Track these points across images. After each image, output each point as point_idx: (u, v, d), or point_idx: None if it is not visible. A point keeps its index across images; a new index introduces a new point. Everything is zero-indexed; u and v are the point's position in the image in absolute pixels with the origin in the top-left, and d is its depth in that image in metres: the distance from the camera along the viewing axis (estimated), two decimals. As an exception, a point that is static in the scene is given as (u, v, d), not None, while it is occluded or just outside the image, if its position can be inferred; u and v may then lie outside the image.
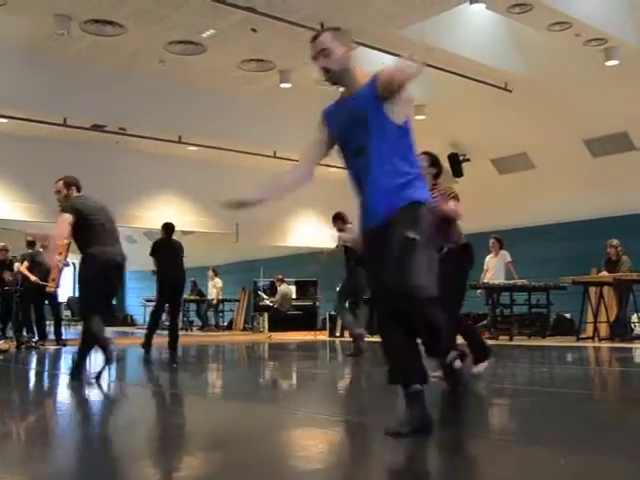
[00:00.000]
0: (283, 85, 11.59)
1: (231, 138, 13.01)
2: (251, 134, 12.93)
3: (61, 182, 5.43)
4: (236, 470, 2.37)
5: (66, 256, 9.86)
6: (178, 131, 12.73)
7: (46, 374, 6.67)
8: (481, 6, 9.32)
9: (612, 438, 2.85)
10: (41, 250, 10.01)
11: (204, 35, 10.02)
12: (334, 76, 2.97)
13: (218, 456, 2.63)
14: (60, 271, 9.89)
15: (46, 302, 10.11)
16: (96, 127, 12.18)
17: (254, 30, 9.80)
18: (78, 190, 5.46)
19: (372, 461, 2.54)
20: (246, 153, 13.51)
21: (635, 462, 2.39)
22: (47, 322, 10.21)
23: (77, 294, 6.69)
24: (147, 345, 8.18)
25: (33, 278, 9.60)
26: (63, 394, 5.03)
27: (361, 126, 2.88)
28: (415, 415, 2.73)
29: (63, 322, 10.75)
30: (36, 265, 9.73)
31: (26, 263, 9.74)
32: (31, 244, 10.15)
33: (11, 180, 12.41)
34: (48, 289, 9.72)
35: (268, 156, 13.71)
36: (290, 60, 10.93)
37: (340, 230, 7.76)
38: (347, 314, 7.98)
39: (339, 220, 7.75)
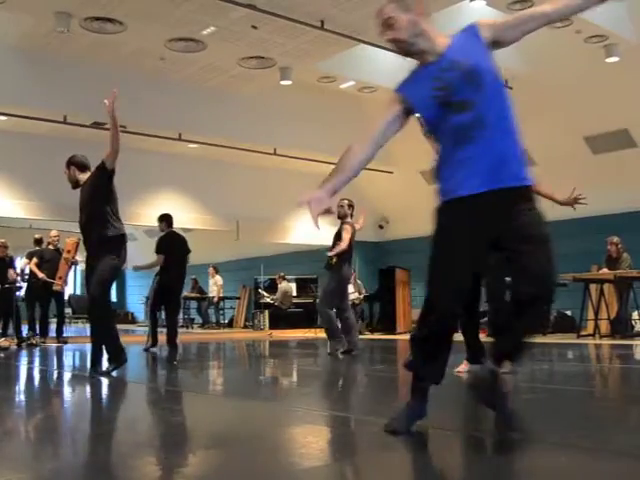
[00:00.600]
0: (283, 82, 11.58)
1: (231, 135, 13.01)
2: (251, 131, 12.93)
3: (65, 166, 5.47)
4: (236, 467, 2.37)
5: (74, 254, 9.85)
6: (178, 129, 12.73)
7: (47, 372, 6.67)
8: (482, 3, 9.33)
9: (613, 435, 2.84)
10: (51, 247, 10.02)
11: (204, 32, 10.01)
12: (406, 46, 2.76)
13: (218, 453, 2.63)
14: (68, 269, 9.90)
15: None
16: (96, 125, 12.16)
17: (254, 27, 9.80)
18: (79, 169, 5.45)
19: (373, 458, 2.53)
20: (246, 150, 13.50)
21: (637, 459, 2.39)
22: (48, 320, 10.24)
23: (81, 285, 6.59)
24: (154, 343, 8.20)
25: (41, 275, 9.62)
26: (64, 392, 5.03)
27: (468, 78, 2.57)
28: (418, 412, 2.72)
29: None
30: (44, 262, 9.74)
31: (35, 260, 9.75)
32: (39, 242, 10.15)
33: (11, 178, 12.40)
34: (55, 287, 9.73)
35: (268, 153, 13.71)
36: (290, 57, 10.93)
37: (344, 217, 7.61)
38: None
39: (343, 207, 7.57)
